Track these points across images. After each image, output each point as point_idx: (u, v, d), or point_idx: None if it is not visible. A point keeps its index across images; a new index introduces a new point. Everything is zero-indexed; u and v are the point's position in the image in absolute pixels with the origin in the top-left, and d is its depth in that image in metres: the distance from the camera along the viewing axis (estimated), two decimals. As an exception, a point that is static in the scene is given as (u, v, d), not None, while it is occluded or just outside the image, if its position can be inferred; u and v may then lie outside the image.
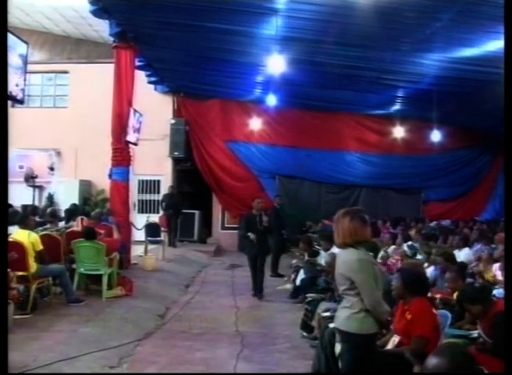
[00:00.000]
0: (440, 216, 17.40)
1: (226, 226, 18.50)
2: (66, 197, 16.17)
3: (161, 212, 16.47)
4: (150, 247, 13.92)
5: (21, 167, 17.59)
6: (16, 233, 7.78)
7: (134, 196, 16.69)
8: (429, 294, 5.35)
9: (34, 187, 17.18)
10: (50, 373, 4.50)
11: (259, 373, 5.53)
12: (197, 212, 17.75)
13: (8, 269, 7.01)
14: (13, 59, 6.28)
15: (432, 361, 2.70)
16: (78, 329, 7.02)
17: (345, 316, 4.21)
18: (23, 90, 6.49)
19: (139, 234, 14.07)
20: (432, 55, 11.30)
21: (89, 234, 8.78)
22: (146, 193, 18.10)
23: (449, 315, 4.87)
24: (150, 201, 18.11)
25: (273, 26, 10.12)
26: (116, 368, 5.96)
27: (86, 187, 17.39)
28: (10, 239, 7.61)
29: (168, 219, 15.80)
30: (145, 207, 18.00)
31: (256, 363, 6.46)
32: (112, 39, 12.32)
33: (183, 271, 12.74)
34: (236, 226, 17.84)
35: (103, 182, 15.29)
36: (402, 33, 10.21)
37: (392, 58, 11.66)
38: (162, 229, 14.70)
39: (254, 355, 6.76)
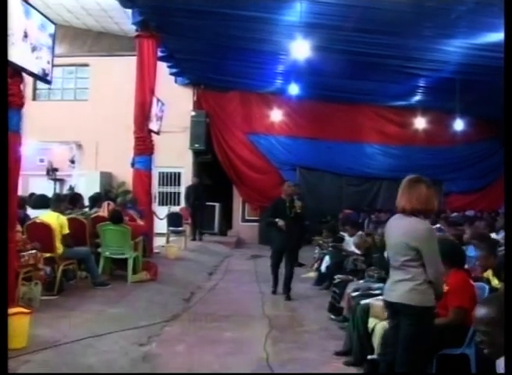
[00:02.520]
0: (462, 208, 17.22)
1: (247, 218, 18.46)
2: (87, 189, 16.11)
3: (182, 205, 16.43)
4: (171, 238, 13.96)
5: (42, 160, 17.68)
6: (45, 215, 7.81)
7: (155, 188, 16.65)
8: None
9: (55, 180, 17.26)
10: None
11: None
12: (217, 205, 17.71)
13: (35, 250, 7.07)
14: (44, 39, 6.30)
15: (481, 311, 2.64)
16: (106, 309, 7.01)
17: (406, 289, 4.01)
18: (51, 69, 6.50)
19: (160, 227, 14.01)
20: (456, 42, 11.14)
21: (115, 218, 8.78)
22: (166, 185, 18.13)
23: (487, 287, 4.78)
24: (170, 193, 18.13)
25: (297, 12, 10.04)
26: (145, 345, 5.96)
27: (107, 179, 17.42)
28: (37, 220, 7.69)
29: (193, 212, 15.49)
30: (166, 199, 18.00)
31: (286, 343, 6.43)
32: (132, 31, 12.41)
33: (206, 260, 12.71)
34: (256, 218, 17.82)
35: (124, 174, 15.38)
36: (425, 18, 10.05)
37: (415, 46, 11.55)
38: (184, 221, 14.66)
39: (283, 336, 6.73)
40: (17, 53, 5.61)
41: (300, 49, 10.43)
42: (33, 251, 6.97)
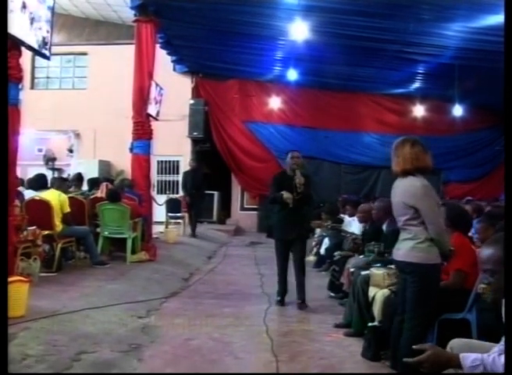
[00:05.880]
0: (461, 196, 17.17)
1: (245, 207, 18.39)
2: (86, 178, 16.11)
3: (181, 193, 16.29)
4: (170, 226, 13.92)
5: (40, 150, 17.63)
6: (46, 193, 7.79)
7: (153, 177, 16.47)
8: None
9: (54, 169, 17.20)
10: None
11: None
12: (216, 193, 17.68)
13: (35, 227, 7.05)
14: (43, 11, 6.25)
15: (488, 251, 2.62)
16: (104, 285, 7.04)
17: (408, 247, 4.06)
18: (51, 40, 6.45)
19: (158, 215, 13.90)
20: (455, 25, 11.08)
21: (113, 197, 8.76)
22: (165, 174, 18.07)
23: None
24: (169, 181, 18.07)
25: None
26: (144, 318, 5.95)
27: (105, 167, 17.31)
28: (36, 198, 7.66)
29: (191, 202, 13.99)
30: (164, 188, 17.95)
31: (285, 316, 6.47)
32: (131, 19, 12.27)
33: (205, 245, 12.74)
34: (255, 206, 17.81)
35: (122, 163, 15.29)
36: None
37: (413, 30, 11.46)
38: (183, 208, 14.56)
39: (282, 310, 6.78)
40: (16, 25, 5.56)
41: (299, 31, 10.39)
42: (32, 228, 6.96)
